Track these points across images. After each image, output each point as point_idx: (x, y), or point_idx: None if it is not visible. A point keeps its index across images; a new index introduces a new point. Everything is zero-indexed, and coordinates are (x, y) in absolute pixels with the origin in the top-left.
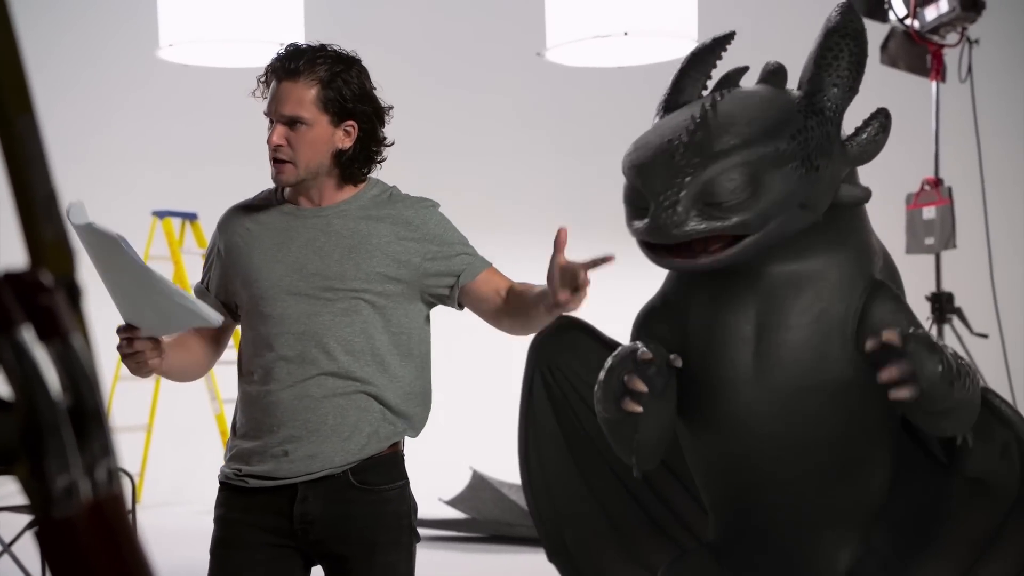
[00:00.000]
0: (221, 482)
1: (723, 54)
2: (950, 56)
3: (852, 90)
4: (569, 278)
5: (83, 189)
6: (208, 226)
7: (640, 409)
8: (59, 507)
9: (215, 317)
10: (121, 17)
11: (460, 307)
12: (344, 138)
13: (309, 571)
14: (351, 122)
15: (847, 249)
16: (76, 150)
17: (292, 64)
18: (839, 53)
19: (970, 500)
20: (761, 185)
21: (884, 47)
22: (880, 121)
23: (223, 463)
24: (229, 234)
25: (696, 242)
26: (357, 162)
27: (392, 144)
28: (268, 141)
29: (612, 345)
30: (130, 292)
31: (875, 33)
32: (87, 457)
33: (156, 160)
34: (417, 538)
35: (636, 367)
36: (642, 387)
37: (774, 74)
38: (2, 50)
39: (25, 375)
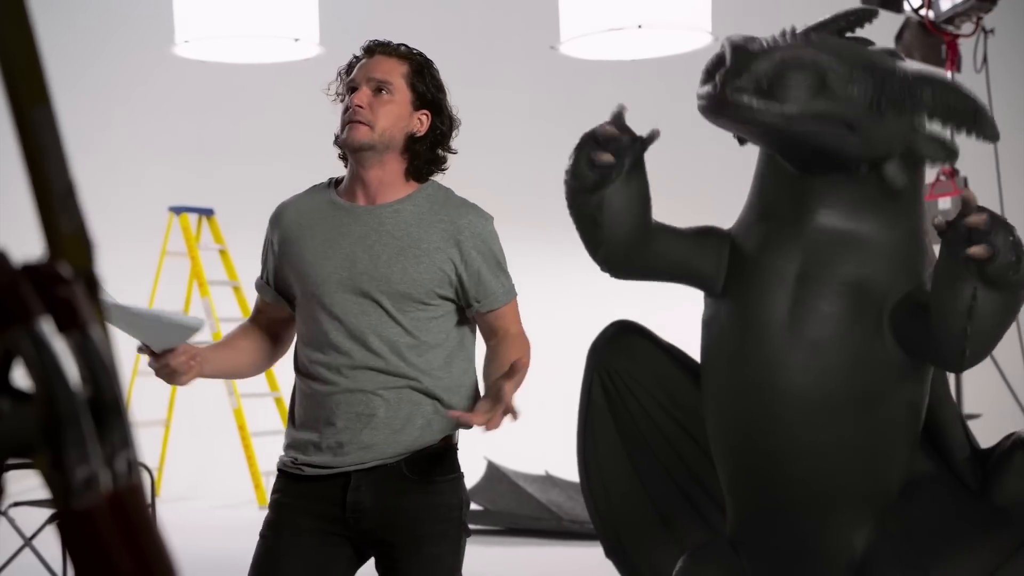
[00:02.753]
0: (279, 469)
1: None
2: (965, 46)
3: (941, 109)
4: (495, 395)
5: (100, 185)
6: (225, 222)
7: (612, 159)
8: (79, 498)
9: (195, 322)
10: (137, 14)
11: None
12: (419, 125)
13: (358, 560)
14: (427, 112)
15: (898, 232)
16: (93, 146)
17: (388, 45)
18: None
19: (993, 528)
20: (824, 90)
21: (899, 37)
22: (974, 106)
23: (281, 452)
24: (282, 228)
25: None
26: (424, 157)
27: (456, 153)
28: (348, 103)
29: (668, 348)
30: (116, 322)
31: (890, 23)
32: (107, 448)
33: (173, 156)
34: (468, 532)
35: (601, 144)
36: (607, 158)
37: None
38: (19, 41)
39: (44, 367)
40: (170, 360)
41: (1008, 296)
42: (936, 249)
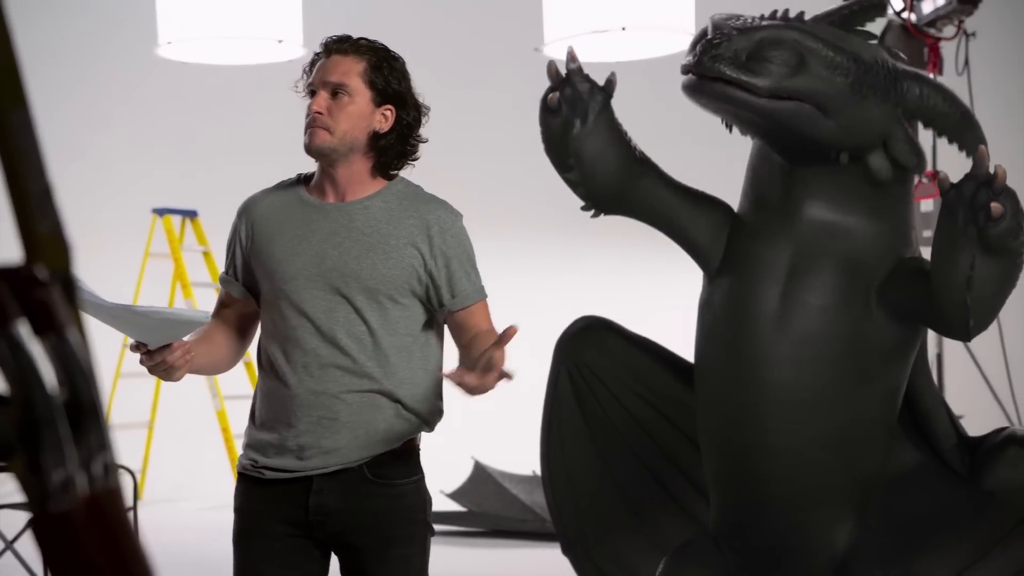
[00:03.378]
0: (239, 472)
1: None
2: (947, 49)
3: (926, 107)
4: (485, 364)
5: (83, 187)
6: (208, 223)
7: (558, 101)
8: (55, 501)
9: (201, 315)
10: (120, 15)
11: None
12: (382, 121)
13: (327, 561)
14: (390, 106)
15: (885, 226)
16: (76, 148)
17: (345, 42)
18: (930, 88)
19: (983, 511)
20: (802, 69)
21: (881, 40)
22: (961, 111)
23: (241, 452)
24: (250, 223)
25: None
26: (392, 152)
27: (426, 142)
28: (308, 108)
29: (638, 340)
30: (116, 321)
31: (872, 27)
32: (83, 451)
33: (156, 158)
34: (432, 532)
35: (555, 85)
36: (554, 100)
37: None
38: None
39: (20, 370)
40: (166, 356)
41: (1007, 263)
42: (924, 252)
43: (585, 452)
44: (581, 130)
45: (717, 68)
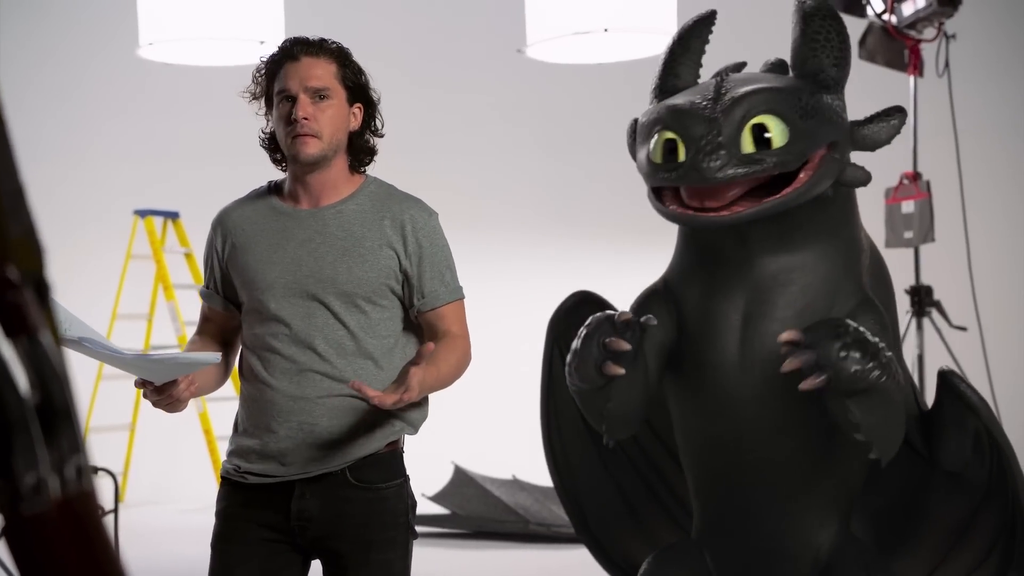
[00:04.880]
0: (223, 477)
1: (710, 37)
2: (927, 51)
3: (846, 65)
4: (399, 379)
5: (65, 188)
6: (190, 225)
7: (623, 371)
8: (27, 504)
9: (213, 357)
10: (101, 16)
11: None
12: (355, 120)
13: (307, 567)
14: (359, 103)
15: (837, 241)
16: (57, 149)
17: (314, 45)
18: (828, 34)
19: (947, 493)
20: (791, 126)
21: (862, 42)
22: (896, 118)
23: (225, 458)
24: (225, 234)
25: (721, 195)
26: (365, 148)
27: (383, 136)
28: (289, 117)
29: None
30: (129, 367)
31: (853, 28)
32: (55, 454)
33: (137, 159)
34: (414, 535)
35: (616, 329)
36: (625, 346)
37: (776, 67)
38: None
39: None
40: (172, 391)
41: (875, 395)
42: (904, 253)
43: (581, 437)
44: (616, 409)
45: (729, 176)
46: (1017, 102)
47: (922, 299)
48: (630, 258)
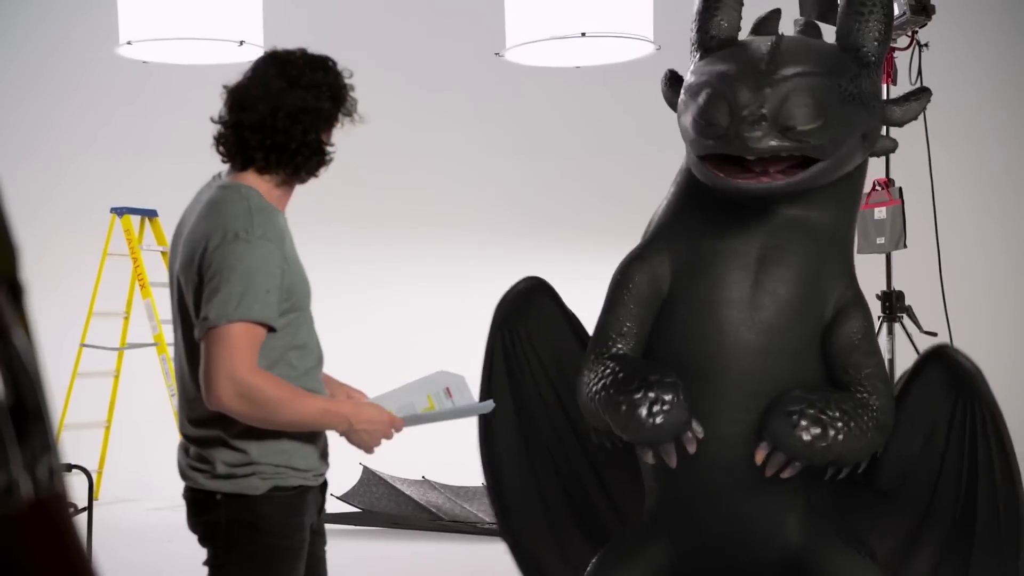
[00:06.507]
0: (300, 487)
1: None
2: (901, 59)
3: (888, 42)
4: None
5: (42, 186)
6: (168, 223)
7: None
8: None
9: (488, 406)
10: (80, 14)
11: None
12: None
13: None
14: None
15: (850, 211)
16: (35, 147)
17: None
18: (873, 6)
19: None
20: (830, 114)
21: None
22: (924, 97)
23: (290, 468)
24: (279, 241)
25: (759, 166)
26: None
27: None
28: (329, 138)
29: (570, 316)
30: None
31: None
32: (27, 455)
33: (115, 157)
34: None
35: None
36: (694, 447)
37: (811, 26)
38: None
39: None
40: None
41: (840, 445)
42: (876, 259)
43: (510, 431)
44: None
45: (770, 148)
46: (988, 110)
47: (893, 304)
48: (606, 256)
